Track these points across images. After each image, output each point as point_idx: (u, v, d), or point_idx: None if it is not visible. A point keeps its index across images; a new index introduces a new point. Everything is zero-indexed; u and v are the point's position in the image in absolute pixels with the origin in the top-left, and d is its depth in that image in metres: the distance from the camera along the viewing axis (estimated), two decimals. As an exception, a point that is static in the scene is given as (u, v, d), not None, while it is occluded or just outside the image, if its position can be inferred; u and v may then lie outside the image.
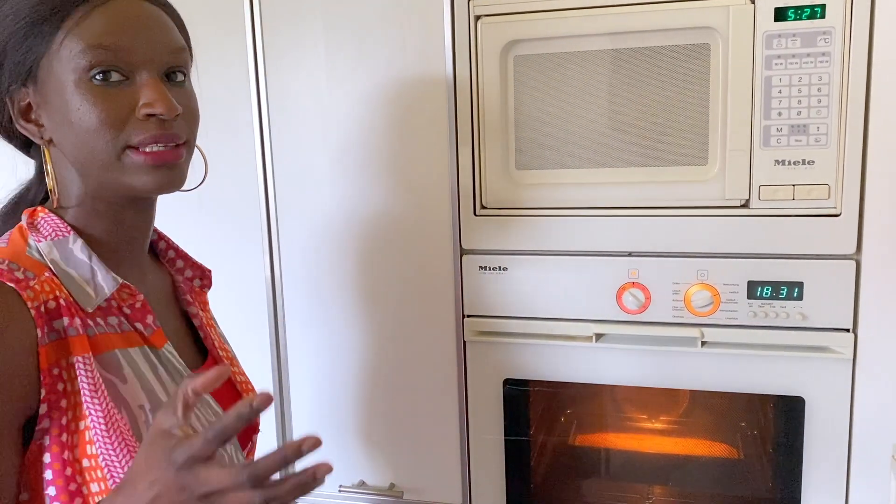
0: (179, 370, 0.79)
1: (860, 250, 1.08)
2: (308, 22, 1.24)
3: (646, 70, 1.11)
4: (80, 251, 0.74)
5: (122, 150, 0.71)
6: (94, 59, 0.69)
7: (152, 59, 0.72)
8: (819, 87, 1.06)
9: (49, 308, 0.69)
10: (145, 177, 0.73)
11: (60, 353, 0.69)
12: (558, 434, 1.32)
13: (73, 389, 0.70)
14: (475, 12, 1.16)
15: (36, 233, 0.74)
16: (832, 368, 1.12)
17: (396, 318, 1.29)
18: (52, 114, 0.72)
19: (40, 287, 0.69)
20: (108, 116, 0.70)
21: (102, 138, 0.70)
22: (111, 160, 0.72)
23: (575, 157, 1.16)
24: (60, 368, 0.69)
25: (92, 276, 0.74)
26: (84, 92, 0.70)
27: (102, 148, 0.71)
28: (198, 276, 0.93)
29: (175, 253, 0.92)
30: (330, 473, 0.57)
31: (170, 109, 0.71)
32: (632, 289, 1.17)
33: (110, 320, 0.74)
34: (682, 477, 1.28)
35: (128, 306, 0.77)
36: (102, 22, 0.70)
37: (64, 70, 0.70)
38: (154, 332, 0.78)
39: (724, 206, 1.12)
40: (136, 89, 0.71)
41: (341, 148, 1.26)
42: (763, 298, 1.12)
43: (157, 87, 0.71)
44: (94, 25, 0.70)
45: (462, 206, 1.22)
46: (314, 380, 1.36)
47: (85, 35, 0.69)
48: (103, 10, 0.70)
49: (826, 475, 1.14)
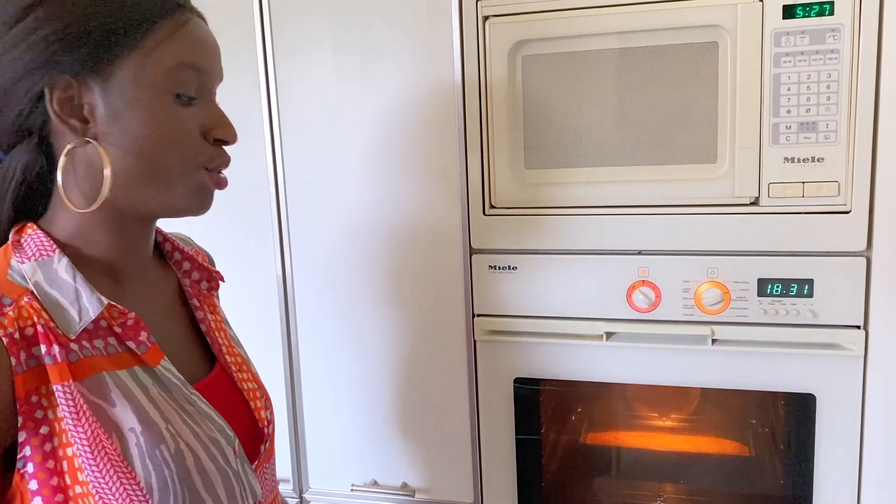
0: (178, 385, 0.76)
1: (870, 247, 1.08)
2: (316, 24, 1.25)
3: (654, 69, 1.11)
4: (65, 271, 0.71)
5: (192, 171, 0.73)
6: (185, 77, 0.71)
7: (215, 84, 0.75)
8: (828, 84, 1.06)
9: (27, 335, 0.66)
10: (204, 198, 0.75)
11: (38, 381, 0.67)
12: (569, 433, 1.33)
13: (56, 416, 0.67)
14: (483, 13, 1.16)
15: (20, 253, 0.71)
16: (843, 365, 1.12)
17: (406, 317, 1.30)
18: (119, 117, 0.70)
19: (16, 313, 0.66)
20: (186, 136, 0.72)
21: (177, 155, 0.72)
22: (178, 177, 0.73)
23: (584, 156, 1.16)
24: (39, 395, 0.67)
25: (76, 297, 0.70)
26: (166, 107, 0.71)
27: (173, 164, 0.72)
28: (205, 278, 0.90)
29: (181, 255, 0.89)
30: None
31: (235, 138, 0.75)
32: (642, 287, 1.17)
33: (96, 343, 0.72)
34: (693, 475, 1.28)
35: (119, 325, 0.73)
36: (192, 41, 0.72)
37: (147, 79, 0.70)
38: (148, 350, 0.75)
39: (733, 204, 1.12)
40: (201, 112, 0.73)
41: (350, 148, 1.27)
42: (773, 296, 1.12)
43: (223, 113, 0.75)
44: (182, 43, 0.71)
45: (471, 205, 1.23)
46: (325, 380, 1.37)
47: (177, 52, 0.71)
48: (188, 29, 0.72)
49: (838, 472, 1.14)
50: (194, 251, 0.94)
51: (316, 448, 1.40)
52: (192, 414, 0.76)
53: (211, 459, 0.75)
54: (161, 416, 0.73)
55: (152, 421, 0.72)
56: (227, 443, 0.78)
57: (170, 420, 0.73)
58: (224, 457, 0.78)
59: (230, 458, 0.78)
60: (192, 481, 0.73)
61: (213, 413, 0.79)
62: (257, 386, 0.90)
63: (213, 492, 0.75)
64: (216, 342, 0.87)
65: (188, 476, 0.72)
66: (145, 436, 0.70)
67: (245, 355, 0.92)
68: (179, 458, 0.72)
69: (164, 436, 0.72)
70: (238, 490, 0.79)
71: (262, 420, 0.87)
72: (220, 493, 0.76)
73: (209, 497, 0.75)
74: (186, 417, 0.75)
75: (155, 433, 0.71)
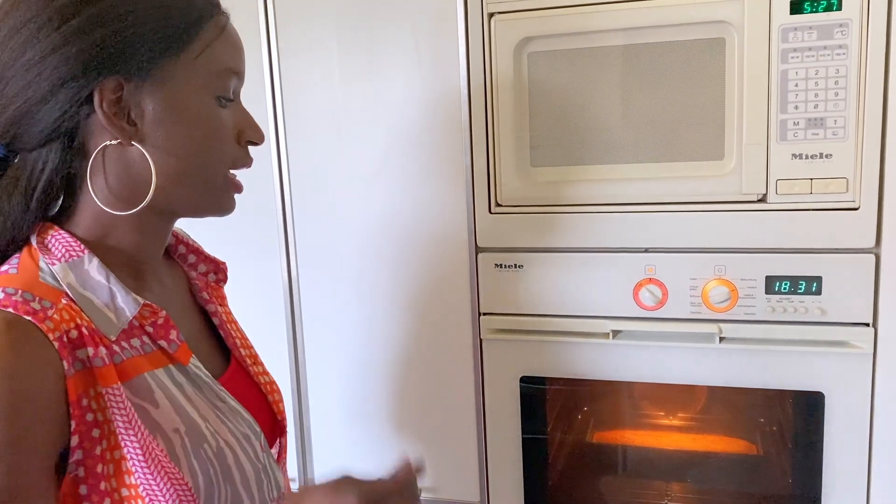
0: (208, 383, 0.76)
1: (879, 244, 1.08)
2: (321, 23, 1.25)
3: (661, 65, 1.10)
4: (97, 272, 0.70)
5: (227, 171, 0.75)
6: (228, 82, 0.73)
7: (241, 86, 0.77)
8: (836, 80, 1.05)
9: (71, 337, 0.65)
10: (231, 201, 0.77)
11: (88, 383, 0.66)
12: (576, 431, 1.32)
13: (105, 419, 0.67)
14: (488, 9, 1.16)
15: (48, 254, 0.70)
16: (852, 363, 1.11)
17: (412, 316, 1.30)
18: (164, 120, 0.69)
19: (59, 316, 0.65)
20: (227, 138, 0.74)
21: (220, 157, 0.74)
22: (217, 180, 0.74)
23: (590, 154, 1.16)
24: (89, 399, 0.66)
25: (111, 298, 0.70)
26: (213, 110, 0.72)
27: (214, 167, 0.74)
28: (212, 270, 0.89)
29: (186, 248, 0.88)
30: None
31: (263, 139, 0.78)
32: (649, 285, 1.16)
33: (133, 342, 0.71)
34: (700, 474, 1.27)
35: (150, 324, 0.73)
36: (230, 45, 0.73)
37: (194, 82, 0.71)
38: (179, 348, 0.75)
39: (741, 201, 1.11)
40: (233, 114, 0.75)
41: (356, 148, 1.27)
42: (781, 293, 1.12)
43: (250, 116, 0.77)
44: (225, 47, 0.73)
45: (477, 203, 1.22)
46: (331, 379, 1.37)
47: (222, 56, 0.72)
48: (228, 33, 0.73)
49: (847, 471, 1.14)
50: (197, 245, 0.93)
51: (322, 446, 1.40)
52: (225, 411, 0.76)
53: (245, 455, 0.76)
54: (199, 415, 0.73)
55: (193, 420, 0.72)
56: (255, 438, 0.79)
57: (207, 418, 0.73)
58: (255, 452, 0.78)
59: (259, 453, 0.78)
60: (233, 478, 0.73)
61: (241, 409, 0.79)
62: (271, 379, 0.89)
63: (248, 488, 0.75)
64: (230, 336, 0.87)
65: (230, 473, 0.73)
66: (189, 436, 0.71)
67: (255, 351, 0.92)
68: (221, 455, 0.72)
69: (206, 434, 0.72)
70: (266, 484, 0.79)
71: (280, 413, 0.87)
72: (254, 489, 0.76)
73: (245, 493, 0.75)
74: (220, 415, 0.75)
75: (197, 432, 0.71)
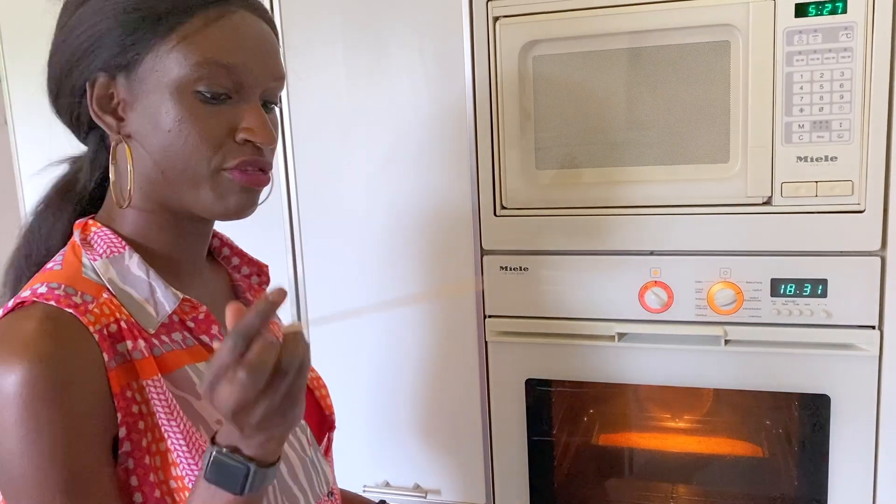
0: None
1: (885, 246, 1.08)
2: (328, 26, 1.25)
3: (666, 68, 1.11)
4: (137, 268, 0.71)
5: (217, 171, 0.69)
6: (206, 74, 0.67)
7: (259, 83, 0.70)
8: (841, 82, 1.05)
9: (111, 331, 0.66)
10: (233, 198, 0.71)
11: (129, 376, 0.67)
12: (581, 434, 1.32)
13: (149, 411, 0.67)
14: (494, 13, 1.16)
15: (90, 250, 0.71)
16: (858, 366, 1.11)
17: (418, 319, 1.30)
18: (142, 114, 0.69)
19: (100, 310, 0.66)
20: (209, 135, 0.68)
21: (199, 155, 0.68)
22: (204, 178, 0.69)
23: (595, 156, 1.16)
24: (132, 391, 0.67)
25: (151, 293, 0.71)
26: (188, 104, 0.67)
27: (196, 165, 0.69)
28: (255, 272, 0.90)
29: (230, 250, 0.89)
30: (285, 297, 0.57)
31: (271, 140, 0.70)
32: (654, 287, 1.16)
33: (174, 336, 0.72)
34: (706, 476, 1.27)
35: (191, 319, 0.74)
36: (221, 37, 0.68)
37: (169, 75, 0.67)
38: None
39: (746, 204, 1.11)
40: (237, 111, 0.69)
41: (362, 150, 1.27)
42: (787, 296, 1.11)
43: (260, 114, 0.70)
44: (212, 38, 0.67)
45: (482, 206, 1.23)
46: (337, 381, 1.37)
47: (202, 47, 0.67)
48: (223, 23, 0.68)
49: (853, 473, 1.14)
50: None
51: (328, 449, 1.41)
52: None
53: (290, 447, 0.76)
54: None
55: None
56: (301, 431, 0.79)
57: None
58: (301, 444, 0.78)
59: (305, 446, 0.79)
60: (279, 468, 0.73)
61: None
62: (317, 375, 0.90)
63: (296, 479, 0.76)
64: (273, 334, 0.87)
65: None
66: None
67: None
68: None
69: None
70: (315, 477, 0.79)
71: (328, 407, 0.88)
72: (302, 480, 0.77)
73: (294, 485, 0.75)
74: None
75: None
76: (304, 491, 0.77)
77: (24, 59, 1.43)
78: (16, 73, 1.44)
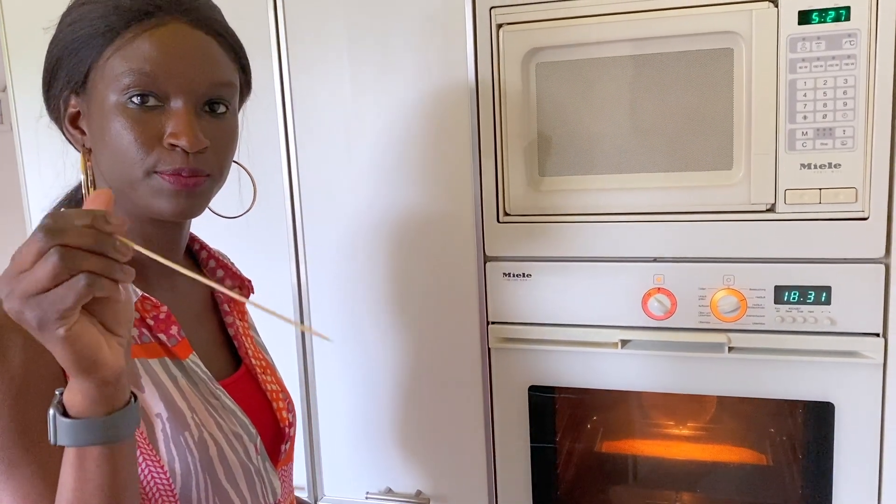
0: (204, 380, 0.79)
1: (889, 253, 1.07)
2: (332, 33, 1.26)
3: (669, 75, 1.11)
4: None
5: (148, 174, 0.73)
6: (132, 81, 0.71)
7: (190, 90, 0.73)
8: (844, 89, 1.05)
9: None
10: (165, 201, 0.74)
11: None
12: (585, 441, 1.32)
13: None
14: (497, 21, 1.17)
15: None
16: (862, 373, 1.10)
17: (421, 325, 1.30)
18: (92, 126, 0.75)
19: None
20: (138, 139, 0.72)
21: (131, 159, 0.72)
22: (137, 181, 0.73)
23: (598, 163, 1.16)
24: None
25: None
26: (121, 112, 0.72)
27: (130, 168, 0.73)
28: (237, 285, 0.94)
29: (216, 263, 0.93)
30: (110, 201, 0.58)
31: (193, 144, 0.72)
32: (657, 294, 1.16)
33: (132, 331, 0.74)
34: (710, 483, 1.27)
35: (151, 318, 0.77)
36: (148, 47, 0.72)
37: (106, 87, 0.72)
38: (178, 343, 0.78)
39: (749, 211, 1.11)
40: (166, 117, 0.73)
41: (366, 157, 1.27)
42: (790, 303, 1.11)
43: (185, 118, 0.72)
44: (140, 49, 0.71)
45: (485, 213, 1.23)
46: (340, 387, 1.37)
47: (130, 57, 0.71)
48: (152, 34, 0.72)
49: (857, 482, 1.13)
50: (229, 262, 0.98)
51: (331, 455, 1.40)
52: (217, 408, 0.79)
53: (233, 452, 0.78)
54: (187, 406, 0.75)
55: (178, 408, 0.74)
56: (250, 439, 0.81)
57: (195, 410, 0.76)
58: (246, 452, 0.80)
59: (251, 454, 0.81)
60: (215, 470, 0.75)
61: (238, 410, 0.81)
62: (280, 388, 0.92)
63: (235, 483, 0.77)
64: (242, 346, 0.90)
65: (210, 465, 0.75)
66: (171, 422, 0.73)
67: (270, 360, 0.96)
68: (203, 446, 0.75)
69: (189, 423, 0.74)
70: (259, 486, 0.81)
71: (283, 420, 0.89)
72: (242, 486, 0.78)
73: (232, 489, 0.77)
74: (211, 409, 0.78)
75: (180, 420, 0.74)
76: (244, 498, 0.79)
77: (28, 65, 1.44)
78: (21, 80, 1.45)
